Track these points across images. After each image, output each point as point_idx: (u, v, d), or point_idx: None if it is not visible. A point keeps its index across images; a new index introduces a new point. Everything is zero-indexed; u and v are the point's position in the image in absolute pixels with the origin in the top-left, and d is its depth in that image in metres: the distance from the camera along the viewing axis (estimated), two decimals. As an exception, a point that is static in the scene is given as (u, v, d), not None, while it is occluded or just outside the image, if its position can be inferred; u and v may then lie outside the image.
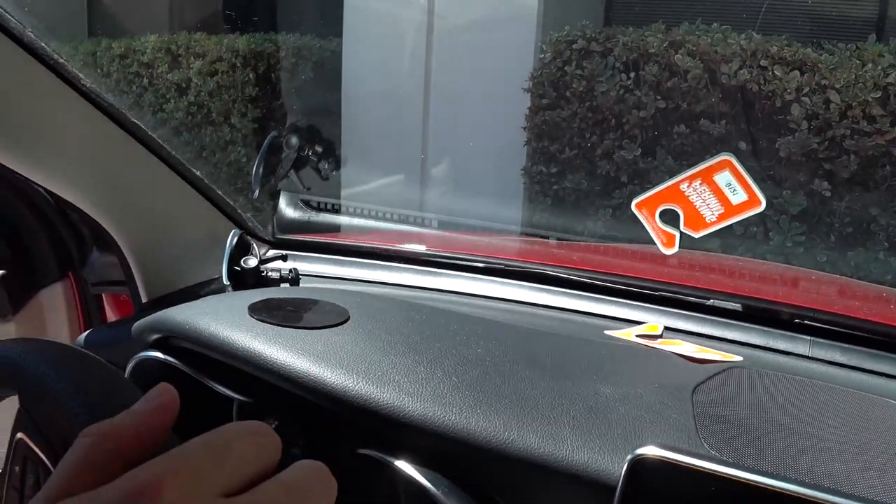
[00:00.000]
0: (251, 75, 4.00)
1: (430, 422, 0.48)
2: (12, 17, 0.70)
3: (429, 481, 0.46)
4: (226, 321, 0.56)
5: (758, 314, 0.83)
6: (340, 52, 3.82)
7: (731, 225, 0.79)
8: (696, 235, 0.83)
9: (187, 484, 0.27)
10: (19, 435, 0.39)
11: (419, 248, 1.07)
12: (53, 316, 1.06)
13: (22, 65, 0.73)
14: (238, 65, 4.01)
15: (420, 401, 0.49)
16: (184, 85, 4.11)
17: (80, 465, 0.28)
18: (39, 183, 0.85)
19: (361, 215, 1.53)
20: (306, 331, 0.55)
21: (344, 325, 0.58)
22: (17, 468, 0.39)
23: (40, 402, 0.38)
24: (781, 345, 0.78)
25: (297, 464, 0.30)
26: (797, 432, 0.53)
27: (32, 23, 0.73)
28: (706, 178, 0.78)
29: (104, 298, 1.14)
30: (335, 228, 1.40)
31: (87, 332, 0.96)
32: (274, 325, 0.55)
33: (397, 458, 0.49)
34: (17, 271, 1.02)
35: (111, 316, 1.14)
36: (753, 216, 0.79)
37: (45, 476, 0.38)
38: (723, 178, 0.78)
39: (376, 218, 1.55)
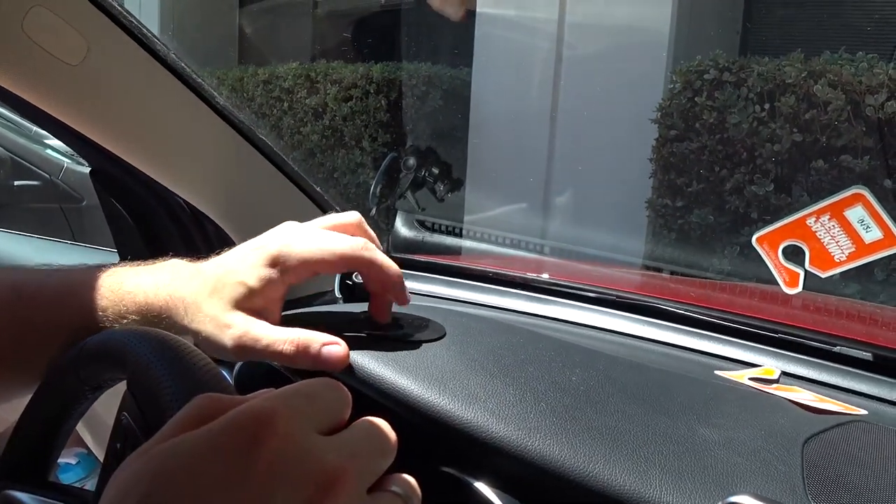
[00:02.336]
0: (383, 101, 4.17)
1: (512, 445, 0.47)
2: (160, 41, 0.77)
3: (506, 506, 0.45)
4: (321, 329, 0.58)
5: (892, 365, 0.76)
6: (469, 80, 3.89)
7: (872, 270, 0.73)
8: (823, 275, 0.77)
9: (294, 417, 0.32)
10: (123, 414, 0.42)
11: (529, 274, 1.06)
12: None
13: (169, 88, 0.80)
14: (371, 91, 4.18)
15: (504, 423, 0.48)
16: (320, 109, 4.35)
17: (191, 418, 0.32)
18: (177, 192, 0.93)
19: (475, 238, 1.55)
20: (398, 344, 0.56)
21: (438, 341, 0.59)
22: (118, 445, 0.42)
23: (143, 387, 0.41)
24: (918, 401, 0.70)
25: (363, 418, 0.36)
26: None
27: (188, 51, 0.80)
28: (835, 212, 0.72)
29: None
30: (449, 250, 1.42)
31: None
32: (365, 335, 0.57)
33: (477, 478, 0.48)
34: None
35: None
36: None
37: None
38: (854, 214, 0.71)
39: (490, 242, 1.55)
